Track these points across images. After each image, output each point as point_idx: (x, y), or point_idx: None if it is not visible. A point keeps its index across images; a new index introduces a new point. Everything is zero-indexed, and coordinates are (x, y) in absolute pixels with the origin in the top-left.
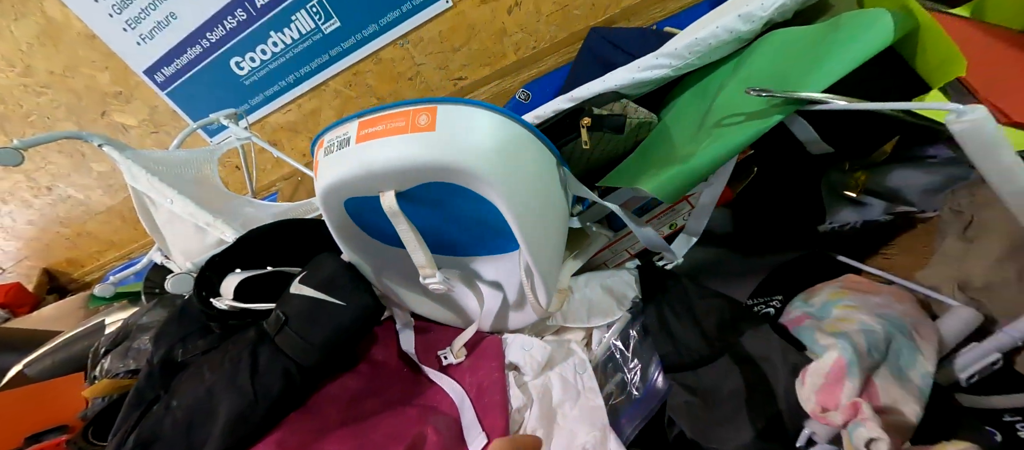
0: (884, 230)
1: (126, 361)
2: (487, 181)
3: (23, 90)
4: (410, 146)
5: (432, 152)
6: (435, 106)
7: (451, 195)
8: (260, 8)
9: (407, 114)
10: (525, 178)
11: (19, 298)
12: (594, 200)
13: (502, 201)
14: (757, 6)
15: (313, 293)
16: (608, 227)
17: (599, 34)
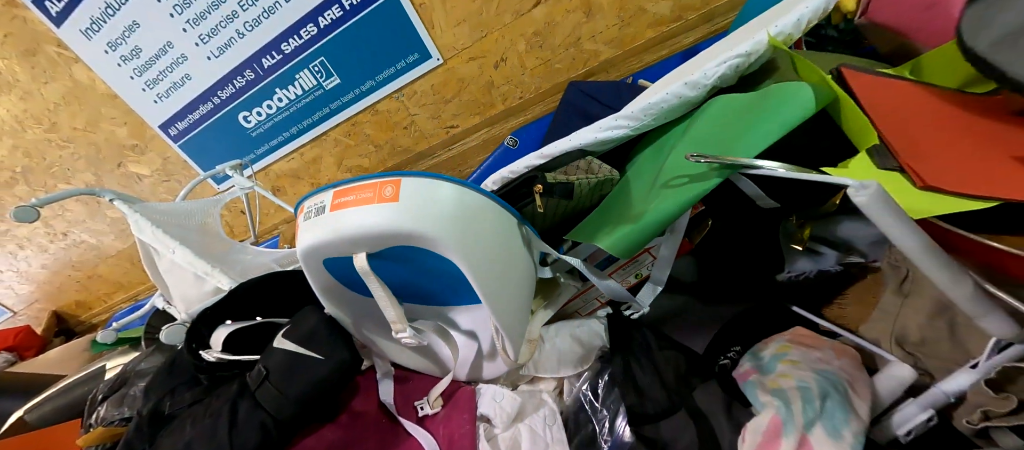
0: (837, 280)
1: (121, 409)
2: (447, 246)
3: (47, 144)
4: (377, 215)
5: (396, 221)
6: (399, 179)
7: (419, 254)
8: (267, 68)
9: (375, 186)
10: (484, 241)
11: (27, 341)
12: (552, 255)
13: (463, 263)
14: (700, 75)
15: (294, 347)
16: (577, 278)
17: (577, 87)
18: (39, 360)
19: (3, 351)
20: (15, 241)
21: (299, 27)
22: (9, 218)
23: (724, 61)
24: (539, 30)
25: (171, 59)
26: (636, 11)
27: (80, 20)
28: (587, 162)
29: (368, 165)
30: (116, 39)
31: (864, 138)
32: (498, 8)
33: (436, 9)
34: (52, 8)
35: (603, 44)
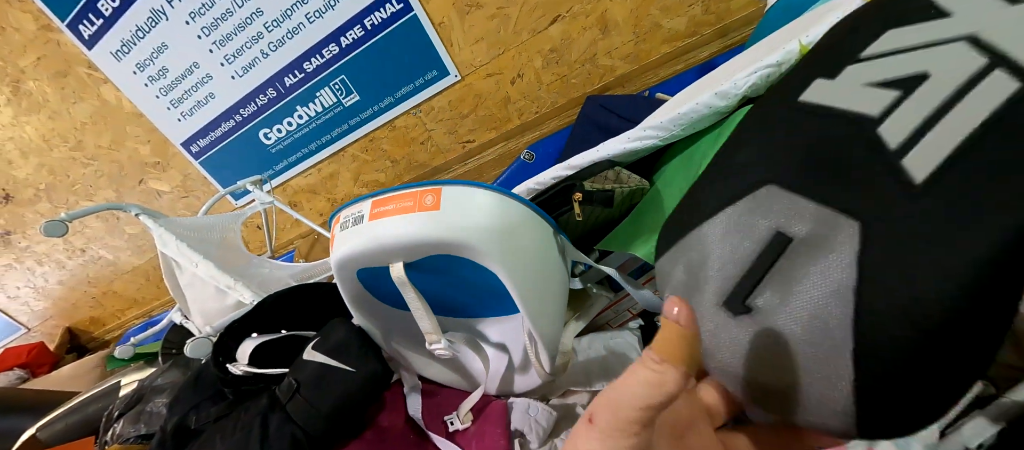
0: None
1: (137, 426)
2: (488, 254)
3: (72, 162)
4: (417, 224)
5: (437, 229)
6: (440, 188)
7: (455, 264)
8: (289, 87)
9: (415, 195)
10: (523, 249)
11: (40, 358)
12: (587, 264)
13: (502, 271)
14: (730, 85)
15: (324, 359)
16: (608, 288)
17: (595, 102)
18: (52, 377)
19: (16, 368)
20: (34, 257)
21: (322, 47)
22: (38, 233)
23: (755, 71)
24: (555, 47)
25: (197, 78)
26: (651, 27)
27: (111, 43)
28: (616, 172)
29: (384, 180)
30: (145, 60)
31: None
32: (516, 26)
33: (455, 28)
34: (85, 31)
35: (619, 60)
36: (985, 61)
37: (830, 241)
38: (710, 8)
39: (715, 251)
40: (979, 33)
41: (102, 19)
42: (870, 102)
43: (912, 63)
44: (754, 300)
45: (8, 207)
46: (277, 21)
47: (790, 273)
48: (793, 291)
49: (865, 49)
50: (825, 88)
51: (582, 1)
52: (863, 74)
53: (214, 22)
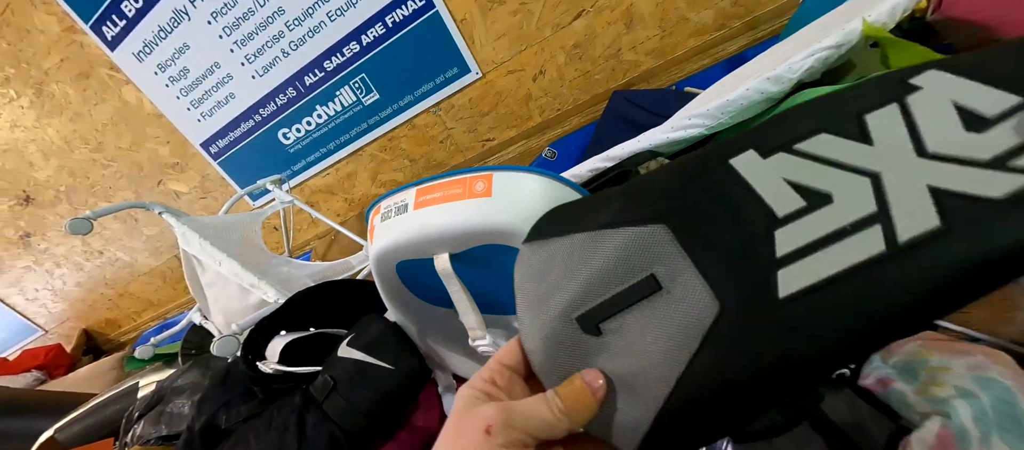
0: None
1: (158, 427)
2: None
3: (92, 164)
4: (468, 211)
5: (489, 217)
6: (491, 173)
7: (501, 255)
8: (309, 86)
9: (463, 182)
10: None
11: (57, 359)
12: None
13: None
14: (785, 69)
15: (360, 356)
16: None
17: (621, 96)
18: (69, 378)
19: (33, 370)
20: (53, 259)
21: (342, 45)
22: (58, 234)
23: (812, 53)
24: (579, 42)
25: (217, 79)
26: (678, 21)
27: (133, 44)
28: (658, 163)
29: (402, 179)
30: (166, 61)
31: None
32: (538, 22)
33: (477, 25)
34: (108, 33)
35: (644, 55)
36: (873, 209)
37: (691, 309)
38: (738, 0)
39: (590, 264)
40: (881, 175)
41: (125, 20)
42: (782, 200)
43: (825, 179)
44: (606, 326)
45: (29, 209)
46: (298, 19)
47: (647, 317)
48: (642, 334)
49: (799, 142)
50: (754, 164)
51: None
52: (788, 168)
53: (235, 21)
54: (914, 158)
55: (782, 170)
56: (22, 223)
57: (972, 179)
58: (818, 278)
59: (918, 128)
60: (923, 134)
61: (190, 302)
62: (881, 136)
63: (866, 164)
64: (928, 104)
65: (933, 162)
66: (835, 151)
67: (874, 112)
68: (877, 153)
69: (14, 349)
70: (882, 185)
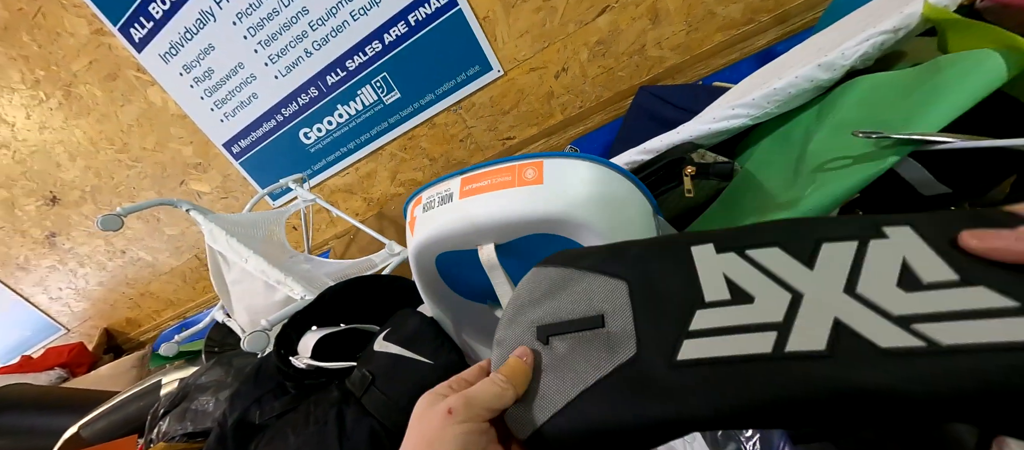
0: None
1: (183, 423)
2: (595, 230)
3: (117, 164)
4: (519, 199)
5: (541, 205)
6: (541, 160)
7: (547, 245)
8: (331, 85)
9: (512, 169)
10: (628, 228)
11: (79, 358)
12: None
13: None
14: (837, 55)
15: (398, 350)
16: None
17: (649, 91)
18: (90, 376)
19: (56, 367)
20: (76, 259)
21: (364, 44)
22: (83, 234)
23: (867, 38)
24: (603, 38)
25: (241, 79)
26: (705, 15)
27: (160, 45)
28: (700, 155)
29: (422, 178)
30: (191, 62)
31: None
32: (562, 18)
33: (499, 22)
34: (136, 34)
35: (669, 50)
36: (779, 320)
37: (617, 349)
38: None
39: (564, 292)
40: (803, 296)
41: (152, 22)
42: (713, 289)
43: (756, 284)
44: (555, 340)
45: (55, 209)
46: (322, 19)
47: (584, 343)
48: (575, 353)
49: (752, 249)
50: (707, 255)
51: None
52: (732, 266)
53: (260, 22)
54: (839, 292)
55: (726, 267)
56: (48, 223)
57: (873, 325)
58: (708, 355)
59: (861, 269)
60: (861, 275)
61: (209, 302)
62: (824, 265)
63: (796, 284)
64: (883, 253)
65: (853, 301)
66: (777, 265)
67: (833, 243)
68: (811, 277)
69: (37, 347)
70: (799, 304)
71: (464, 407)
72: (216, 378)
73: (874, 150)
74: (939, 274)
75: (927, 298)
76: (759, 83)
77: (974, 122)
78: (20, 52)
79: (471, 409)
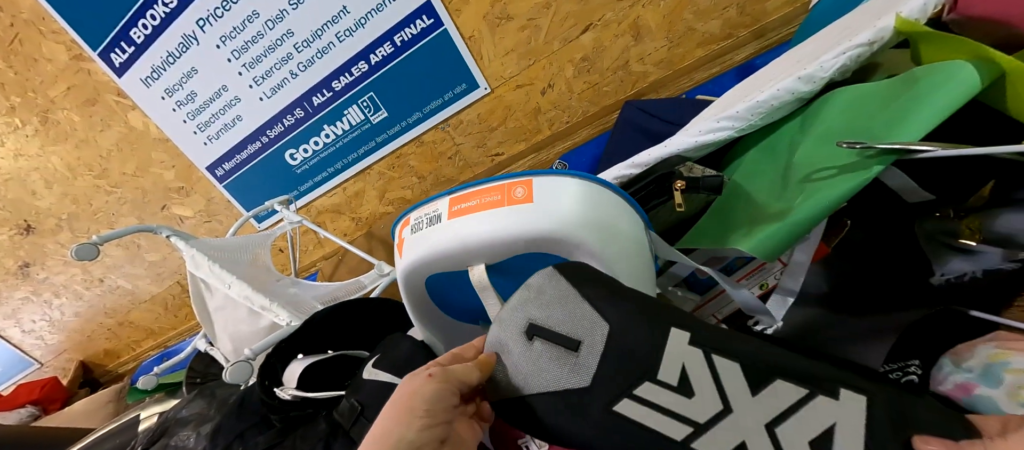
0: (1013, 279)
1: None
2: (587, 248)
3: (96, 190)
4: (509, 219)
5: (533, 224)
6: (530, 178)
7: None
8: (317, 106)
9: (502, 188)
10: (620, 244)
11: (53, 393)
12: (681, 261)
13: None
14: (816, 68)
15: (388, 377)
16: (690, 290)
17: (634, 106)
18: (65, 413)
19: (27, 405)
20: (51, 289)
21: (350, 65)
22: (58, 264)
23: (843, 52)
24: (587, 55)
25: (224, 102)
26: (685, 31)
27: (142, 69)
28: (688, 168)
29: (411, 197)
30: (174, 85)
31: None
32: (546, 36)
33: (485, 40)
34: (116, 59)
35: (652, 65)
36: (701, 422)
37: (579, 372)
38: (746, 10)
39: (560, 307)
40: (731, 414)
41: (134, 46)
42: (668, 372)
43: (703, 386)
44: (537, 341)
45: (29, 238)
46: (307, 41)
47: (558, 355)
48: (547, 359)
49: (719, 354)
50: (679, 341)
51: (614, 8)
52: (693, 361)
53: (244, 45)
54: (761, 425)
55: (688, 359)
56: (21, 253)
57: None
58: (635, 418)
59: (792, 415)
60: (788, 420)
61: (191, 330)
62: (766, 397)
63: (733, 401)
64: (821, 412)
65: (765, 436)
66: (729, 379)
67: (786, 382)
68: (748, 402)
69: (8, 384)
70: (723, 417)
71: (441, 373)
72: (198, 411)
73: (859, 160)
74: None
75: None
76: (742, 96)
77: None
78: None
79: (447, 376)
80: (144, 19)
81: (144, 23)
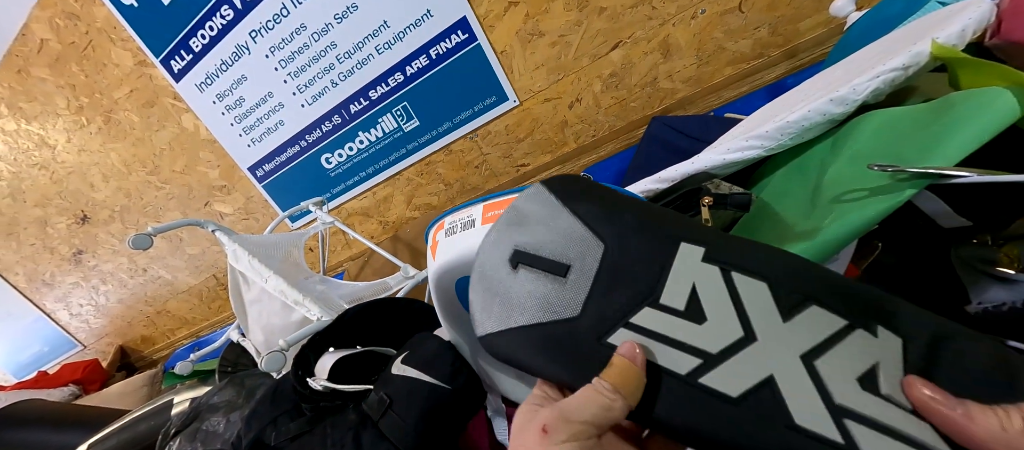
0: None
1: (194, 444)
2: None
3: (147, 185)
4: None
5: None
6: None
7: None
8: (353, 113)
9: None
10: None
11: (93, 375)
12: None
13: None
14: (849, 90)
15: (415, 374)
16: None
17: (661, 122)
18: (102, 394)
19: (70, 384)
20: (99, 276)
21: (387, 76)
22: (108, 252)
23: (878, 75)
24: (615, 71)
25: (269, 107)
26: (715, 50)
27: (197, 76)
28: (715, 184)
29: (437, 203)
30: (224, 91)
31: None
32: (576, 52)
33: (516, 55)
34: (175, 66)
35: (680, 83)
36: (715, 352)
37: (566, 301)
38: (777, 30)
39: (547, 227)
40: (756, 342)
41: (192, 55)
42: (673, 295)
43: (718, 309)
44: (521, 268)
45: (84, 228)
46: (348, 53)
47: (544, 281)
48: (533, 287)
49: (740, 272)
50: (689, 258)
51: (644, 26)
52: (707, 279)
53: (291, 55)
54: (795, 355)
55: (700, 278)
56: (76, 241)
57: (804, 400)
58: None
59: (832, 347)
60: (828, 353)
61: (223, 322)
62: (800, 324)
63: (758, 327)
64: (862, 347)
65: (802, 368)
66: (753, 300)
67: (822, 310)
68: (779, 329)
69: (53, 363)
70: (745, 345)
71: (562, 424)
72: (228, 398)
73: (891, 183)
74: (898, 394)
75: (874, 404)
76: (771, 115)
77: (993, 156)
78: (68, 81)
79: (570, 426)
80: (203, 30)
81: (202, 34)
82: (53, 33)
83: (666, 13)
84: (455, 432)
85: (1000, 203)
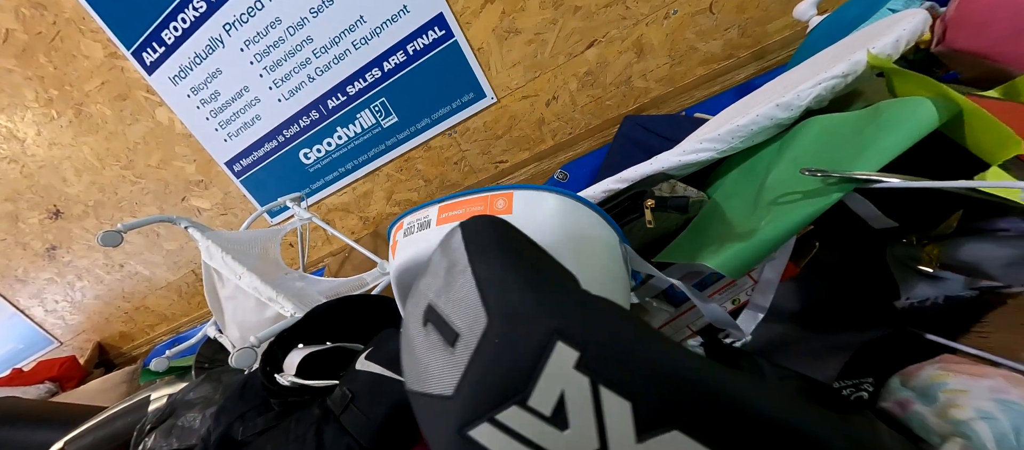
0: (971, 306)
1: (169, 440)
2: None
3: (121, 180)
4: None
5: None
6: (512, 192)
7: None
8: (331, 109)
9: (485, 199)
10: (593, 255)
11: (70, 372)
12: (655, 275)
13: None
14: (793, 96)
15: (379, 370)
16: (665, 302)
17: (633, 121)
18: (79, 391)
19: (46, 381)
20: (75, 272)
21: (365, 71)
22: (83, 248)
23: (819, 82)
24: (591, 69)
25: (245, 101)
26: (687, 50)
27: (170, 68)
28: (671, 185)
29: (417, 199)
30: (199, 84)
31: (1004, 150)
32: (552, 50)
33: (493, 53)
34: (148, 59)
35: (654, 82)
36: None
37: (443, 374)
38: (747, 31)
39: (455, 286)
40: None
41: (164, 47)
42: (542, 399)
43: (581, 419)
44: (429, 327)
45: (57, 222)
46: (325, 47)
47: (436, 350)
48: (424, 345)
49: (609, 388)
50: (564, 363)
51: (618, 26)
52: (574, 389)
53: (267, 49)
54: None
55: (569, 386)
56: (49, 236)
57: None
58: (489, 446)
59: None
60: None
61: (202, 318)
62: (649, 448)
63: (612, 445)
64: None
65: None
66: (614, 417)
67: (687, 438)
68: (635, 448)
69: (28, 360)
70: None
71: None
72: (204, 394)
73: (821, 187)
74: None
75: None
76: (727, 119)
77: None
78: (36, 73)
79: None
80: (175, 21)
81: (175, 25)
82: (19, 23)
83: (639, 13)
84: (416, 425)
85: (924, 205)
